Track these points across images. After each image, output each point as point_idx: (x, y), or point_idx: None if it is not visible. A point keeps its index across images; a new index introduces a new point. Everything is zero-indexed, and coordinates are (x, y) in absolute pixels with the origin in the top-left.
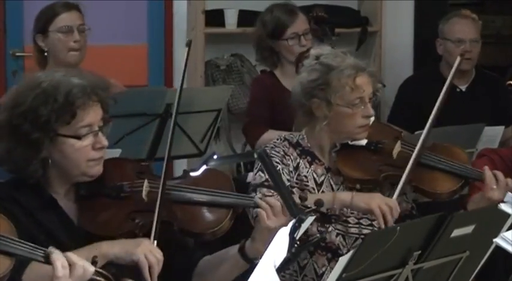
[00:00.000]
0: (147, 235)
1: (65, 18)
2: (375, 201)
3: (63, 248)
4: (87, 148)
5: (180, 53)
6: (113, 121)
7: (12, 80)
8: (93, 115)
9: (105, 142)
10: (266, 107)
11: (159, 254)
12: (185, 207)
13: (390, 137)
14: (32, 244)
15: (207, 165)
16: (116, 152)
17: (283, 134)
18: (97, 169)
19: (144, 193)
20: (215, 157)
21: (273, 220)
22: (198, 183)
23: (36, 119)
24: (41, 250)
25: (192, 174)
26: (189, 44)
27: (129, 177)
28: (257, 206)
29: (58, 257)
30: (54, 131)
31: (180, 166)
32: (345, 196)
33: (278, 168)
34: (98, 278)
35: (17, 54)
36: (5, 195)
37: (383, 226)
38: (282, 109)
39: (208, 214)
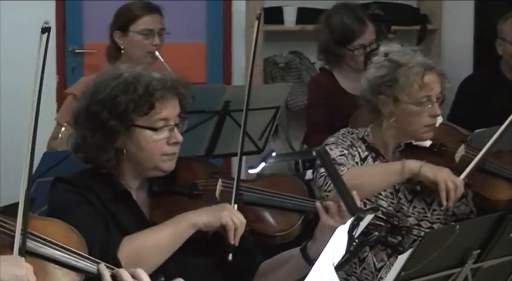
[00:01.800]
0: (216, 234)
1: (147, 21)
2: (442, 175)
3: None
4: (161, 142)
5: (239, 51)
6: None
7: (71, 77)
8: (170, 109)
9: (180, 138)
10: (324, 112)
11: (242, 217)
12: (257, 209)
13: (455, 140)
14: (109, 265)
15: (265, 162)
16: None
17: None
18: (170, 165)
19: (217, 192)
20: (274, 154)
21: (336, 219)
22: (272, 186)
23: (115, 107)
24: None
25: (251, 171)
26: (258, 17)
27: (203, 176)
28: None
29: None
30: (131, 121)
31: (237, 163)
32: (414, 164)
33: (344, 153)
34: None
35: (76, 51)
36: (80, 182)
37: (444, 203)
38: (338, 110)
39: (279, 218)
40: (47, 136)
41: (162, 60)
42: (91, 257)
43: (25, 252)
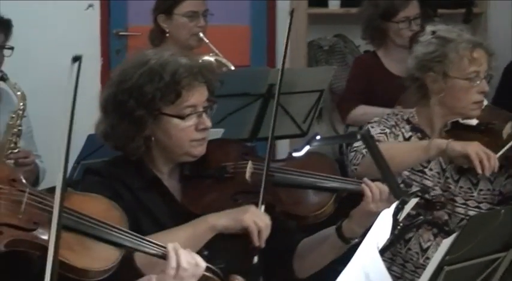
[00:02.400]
0: None
1: (192, 4)
2: (472, 146)
3: (164, 228)
4: (190, 128)
5: (283, 34)
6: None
7: (115, 59)
8: (198, 96)
9: (209, 123)
10: (362, 84)
11: (266, 219)
12: (288, 190)
13: (501, 119)
14: (149, 239)
15: (310, 146)
16: (219, 132)
17: (378, 109)
18: (200, 150)
19: (247, 174)
20: (318, 137)
21: (377, 204)
22: (303, 166)
23: (141, 97)
24: (157, 245)
25: (295, 154)
26: (291, 13)
27: (233, 158)
28: (361, 191)
29: (177, 254)
30: (158, 110)
31: (282, 146)
32: (441, 141)
33: (385, 131)
34: (207, 274)
35: (121, 33)
36: (109, 173)
37: (480, 172)
38: (381, 89)
39: (311, 197)
40: (91, 118)
41: (207, 41)
42: (132, 233)
43: (63, 228)
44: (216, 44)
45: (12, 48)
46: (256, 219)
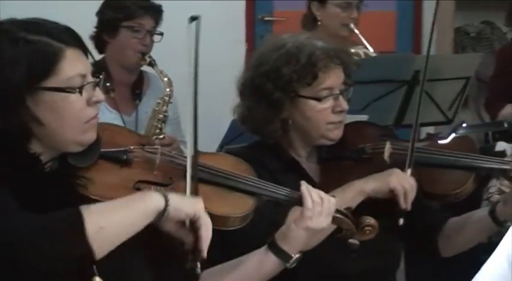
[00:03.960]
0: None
1: None
2: None
3: None
4: (327, 111)
5: (429, 20)
6: (360, 87)
7: (260, 45)
8: (334, 78)
9: (345, 106)
10: (507, 80)
11: (412, 181)
12: (427, 169)
13: None
14: (281, 187)
15: (455, 133)
16: (363, 118)
17: None
18: (336, 133)
19: (386, 155)
20: (464, 125)
21: None
22: (442, 145)
23: (279, 79)
24: (290, 191)
25: (441, 142)
26: None
27: (371, 139)
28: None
29: (309, 192)
30: (295, 92)
31: (426, 132)
32: None
33: None
34: (338, 215)
35: (266, 19)
36: (249, 157)
37: None
38: None
39: (450, 176)
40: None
41: (358, 32)
42: (263, 181)
43: (199, 180)
44: (362, 30)
45: (161, 33)
46: (402, 181)
